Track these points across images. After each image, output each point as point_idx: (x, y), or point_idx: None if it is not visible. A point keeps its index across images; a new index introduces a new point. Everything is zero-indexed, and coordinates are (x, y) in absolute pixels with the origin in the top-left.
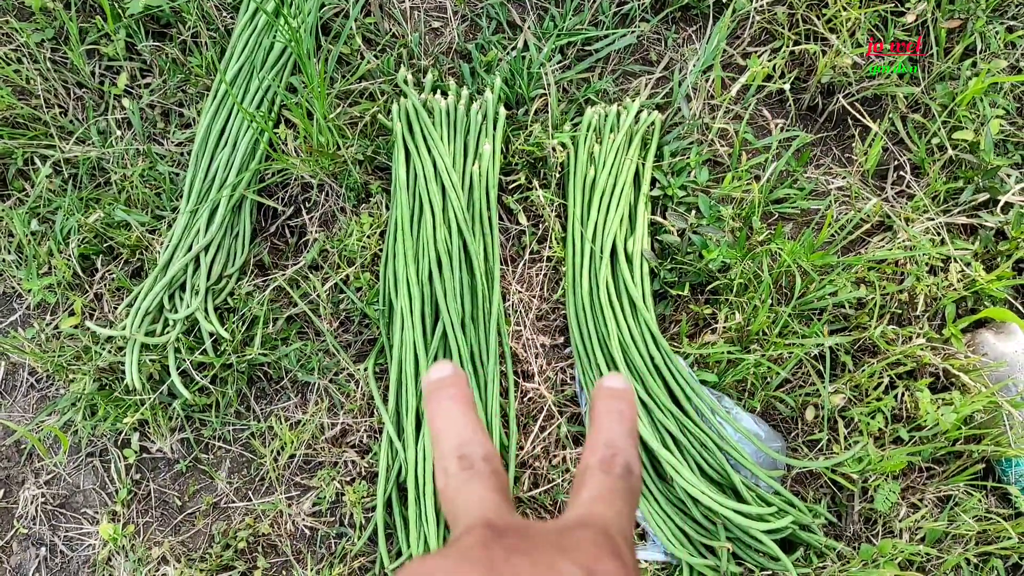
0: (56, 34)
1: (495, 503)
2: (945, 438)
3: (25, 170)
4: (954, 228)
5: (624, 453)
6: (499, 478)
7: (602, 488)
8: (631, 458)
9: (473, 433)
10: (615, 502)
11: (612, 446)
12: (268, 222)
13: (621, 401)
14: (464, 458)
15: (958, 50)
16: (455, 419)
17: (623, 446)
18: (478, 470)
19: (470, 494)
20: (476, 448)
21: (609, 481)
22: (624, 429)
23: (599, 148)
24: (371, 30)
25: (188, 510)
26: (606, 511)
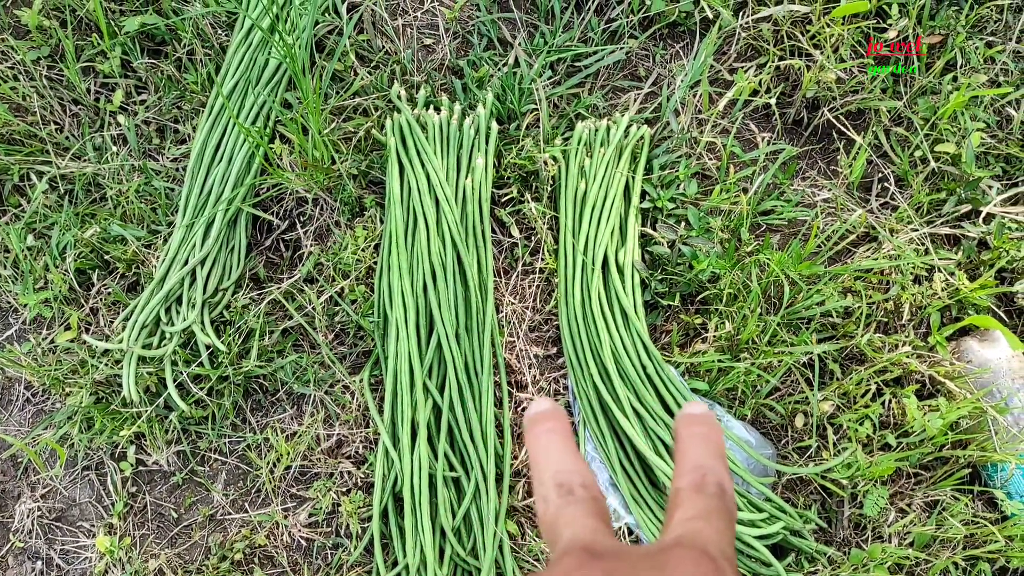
0: (52, 51)
1: (593, 527)
2: (932, 444)
3: (21, 186)
4: (937, 238)
5: (714, 472)
6: (598, 504)
7: (697, 507)
8: (723, 478)
9: (572, 462)
10: (712, 520)
11: (701, 468)
12: (263, 236)
13: (703, 425)
14: (563, 485)
15: (939, 65)
16: (554, 450)
17: (712, 466)
18: (577, 496)
19: (569, 518)
20: (575, 476)
21: (702, 500)
22: (710, 450)
23: (590, 162)
24: (364, 47)
25: (184, 522)
26: (704, 528)
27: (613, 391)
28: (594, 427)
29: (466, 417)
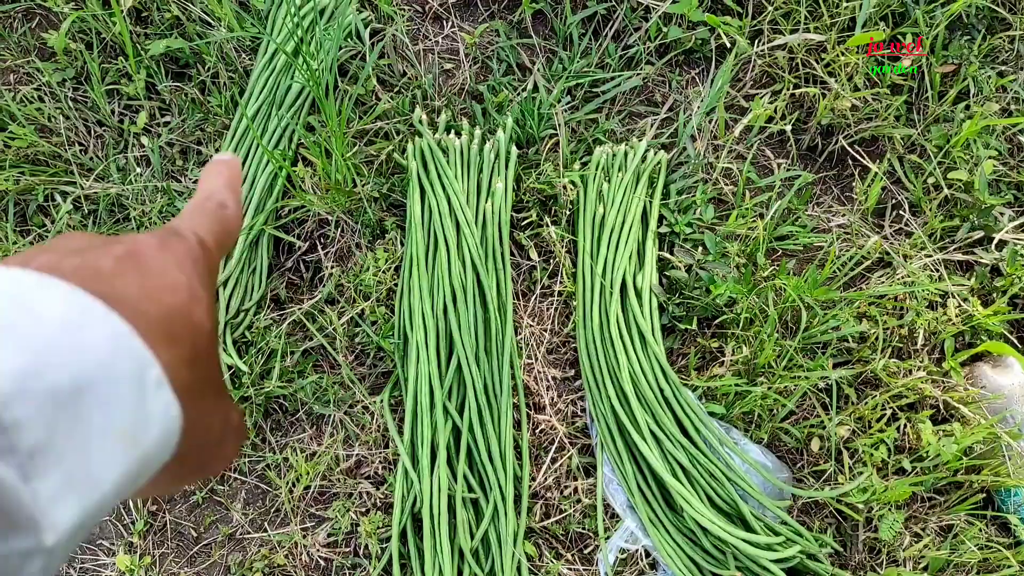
0: (77, 74)
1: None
2: (946, 468)
3: (45, 206)
4: (951, 264)
5: (219, 195)
6: (218, 213)
7: (190, 214)
8: (226, 198)
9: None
10: (195, 217)
11: (210, 193)
12: (284, 257)
13: (223, 164)
14: (210, 198)
15: (952, 94)
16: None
17: (220, 191)
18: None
19: (194, 218)
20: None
21: (198, 211)
22: (222, 181)
23: (608, 186)
24: (386, 72)
25: (204, 541)
26: (180, 220)
27: (631, 414)
28: (611, 449)
29: (485, 438)
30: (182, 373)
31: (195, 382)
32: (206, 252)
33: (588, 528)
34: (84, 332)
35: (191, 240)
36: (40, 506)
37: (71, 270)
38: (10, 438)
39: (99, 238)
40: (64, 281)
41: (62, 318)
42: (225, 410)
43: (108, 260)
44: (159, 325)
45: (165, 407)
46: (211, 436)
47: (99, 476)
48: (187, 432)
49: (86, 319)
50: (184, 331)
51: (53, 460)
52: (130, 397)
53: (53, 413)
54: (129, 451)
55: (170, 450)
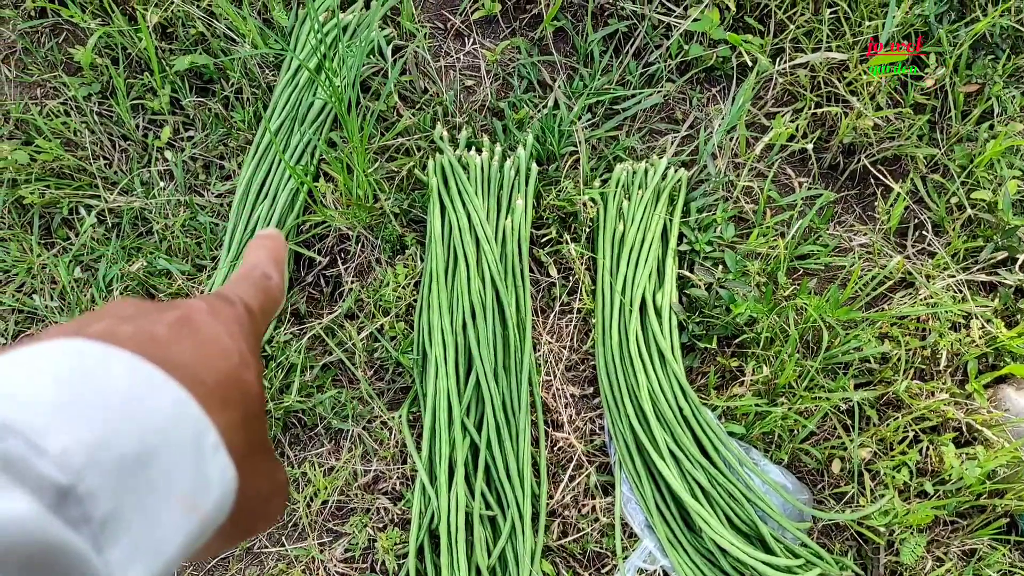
0: (103, 88)
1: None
2: (969, 492)
3: (70, 219)
4: (974, 285)
5: (263, 267)
6: (261, 283)
7: (235, 283)
8: (269, 270)
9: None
10: (240, 285)
11: (255, 265)
12: (305, 272)
13: (268, 238)
14: (256, 268)
15: (976, 113)
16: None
17: (264, 264)
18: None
19: (240, 287)
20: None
21: (244, 280)
22: (266, 255)
23: (628, 204)
24: (408, 88)
25: (222, 555)
26: (227, 287)
27: (650, 432)
28: (630, 468)
29: (503, 455)
30: (236, 437)
31: (247, 445)
32: (252, 318)
33: (606, 547)
34: (147, 401)
35: (238, 306)
36: (112, 573)
37: (127, 337)
38: (85, 509)
39: (149, 304)
40: (124, 350)
41: (126, 388)
42: (272, 467)
43: (162, 327)
44: (214, 390)
45: (222, 471)
46: (261, 496)
47: (164, 542)
48: (240, 493)
49: (148, 388)
50: (236, 395)
51: (122, 528)
52: (190, 462)
53: (121, 482)
54: (190, 515)
55: (226, 512)
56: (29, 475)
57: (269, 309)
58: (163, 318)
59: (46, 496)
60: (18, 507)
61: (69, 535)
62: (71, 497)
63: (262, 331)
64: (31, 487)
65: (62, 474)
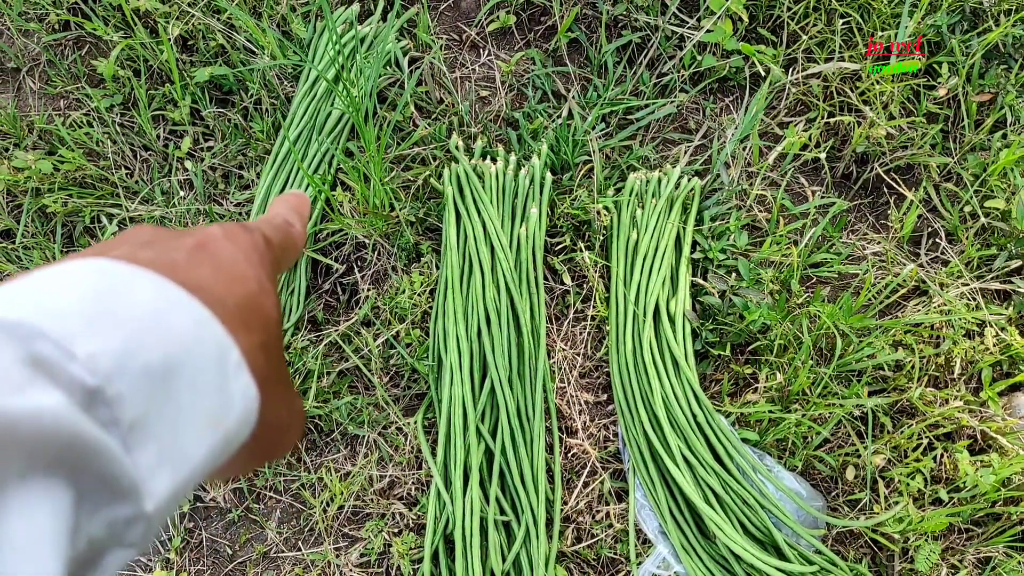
0: (125, 100)
1: (259, 223)
2: (984, 500)
3: (92, 228)
4: (988, 293)
5: (286, 215)
6: (283, 228)
7: (259, 219)
8: (291, 217)
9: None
10: (262, 224)
11: (278, 213)
12: (322, 279)
13: (292, 196)
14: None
15: (989, 122)
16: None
17: (286, 213)
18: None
19: (262, 222)
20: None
21: (266, 222)
22: (289, 207)
23: (641, 212)
24: (424, 99)
25: (239, 559)
26: (255, 223)
27: (663, 439)
28: (644, 474)
29: (517, 461)
30: (257, 358)
31: (268, 368)
32: (270, 247)
33: (620, 553)
34: (171, 317)
35: (256, 234)
36: (140, 475)
37: (147, 261)
38: (113, 411)
39: (166, 231)
40: (147, 270)
41: (151, 304)
42: (291, 397)
43: (180, 252)
44: (235, 312)
45: (244, 389)
46: (280, 420)
47: (189, 451)
48: (261, 416)
49: (172, 305)
50: (257, 319)
51: (149, 434)
52: (214, 379)
53: (148, 390)
54: (214, 430)
55: (248, 431)
56: (60, 375)
57: (289, 249)
58: (181, 243)
59: (76, 395)
60: (51, 400)
61: (100, 432)
62: (99, 399)
63: (280, 266)
64: (62, 386)
65: (91, 376)
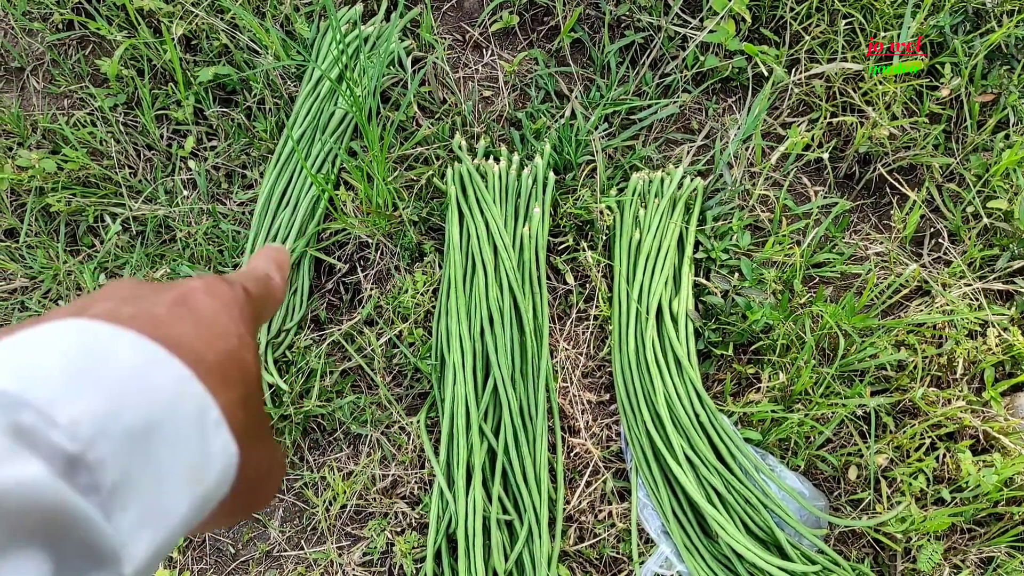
0: (129, 99)
1: (236, 278)
2: (987, 500)
3: (95, 227)
4: (991, 294)
5: (266, 270)
6: (264, 282)
7: (238, 272)
8: (272, 272)
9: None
10: (242, 276)
11: (258, 267)
12: (325, 279)
13: (273, 250)
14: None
15: (991, 123)
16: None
17: (267, 268)
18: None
19: (242, 275)
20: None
21: (245, 272)
22: (270, 263)
23: (644, 212)
24: (427, 99)
25: (241, 558)
26: (236, 275)
27: (666, 439)
28: (646, 474)
29: (520, 461)
30: (237, 415)
31: (247, 423)
32: (250, 300)
33: (622, 552)
34: (152, 376)
35: (237, 287)
36: (120, 540)
37: (128, 318)
38: (94, 476)
39: (147, 285)
40: (127, 329)
41: (132, 364)
42: (271, 449)
43: (161, 308)
44: (215, 368)
45: (224, 446)
46: (260, 473)
47: (169, 511)
48: (241, 470)
49: (153, 364)
50: (236, 374)
51: (130, 497)
52: (194, 437)
53: (129, 452)
54: (194, 488)
55: (227, 487)
56: (41, 444)
57: (268, 301)
58: (162, 299)
59: (57, 464)
60: (32, 471)
61: (80, 501)
62: (81, 465)
63: (260, 318)
64: (43, 455)
65: (72, 443)
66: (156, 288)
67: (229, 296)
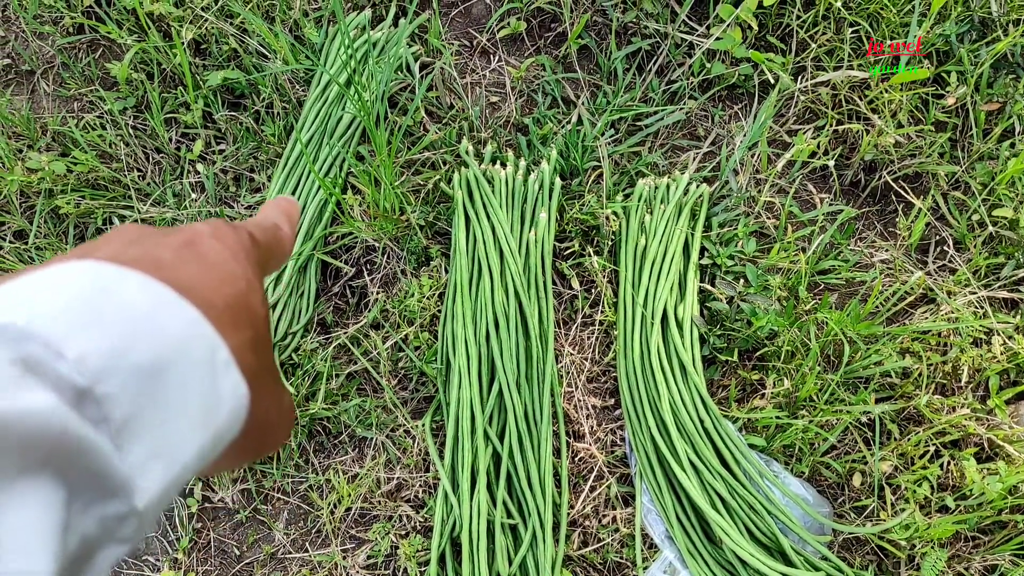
0: (138, 102)
1: (249, 224)
2: (991, 507)
3: (104, 229)
4: (996, 302)
5: (275, 219)
6: (271, 231)
7: (249, 222)
8: (280, 221)
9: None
10: (250, 223)
11: (267, 216)
12: (332, 282)
13: (283, 200)
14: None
15: (997, 131)
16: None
17: (276, 217)
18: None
19: (252, 223)
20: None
21: (254, 220)
22: (278, 212)
23: (650, 218)
24: (434, 104)
25: (246, 559)
26: (243, 222)
27: (671, 444)
28: (651, 479)
29: (525, 465)
30: (246, 356)
31: (257, 366)
32: (256, 246)
33: (626, 557)
34: (160, 317)
35: (242, 232)
36: (131, 472)
37: (133, 260)
38: (103, 409)
39: (152, 229)
40: (135, 270)
41: (140, 304)
42: (280, 393)
43: (168, 251)
44: (224, 311)
45: (234, 387)
46: (270, 416)
47: (179, 448)
48: (251, 413)
49: (161, 305)
50: (245, 317)
51: (139, 432)
52: (203, 377)
53: (138, 389)
54: (205, 426)
55: (238, 427)
56: (49, 375)
57: (276, 250)
58: (168, 242)
59: (66, 395)
60: (41, 400)
61: (90, 430)
62: (89, 398)
63: (267, 266)
64: (51, 386)
65: (80, 376)
66: (162, 232)
67: (235, 241)
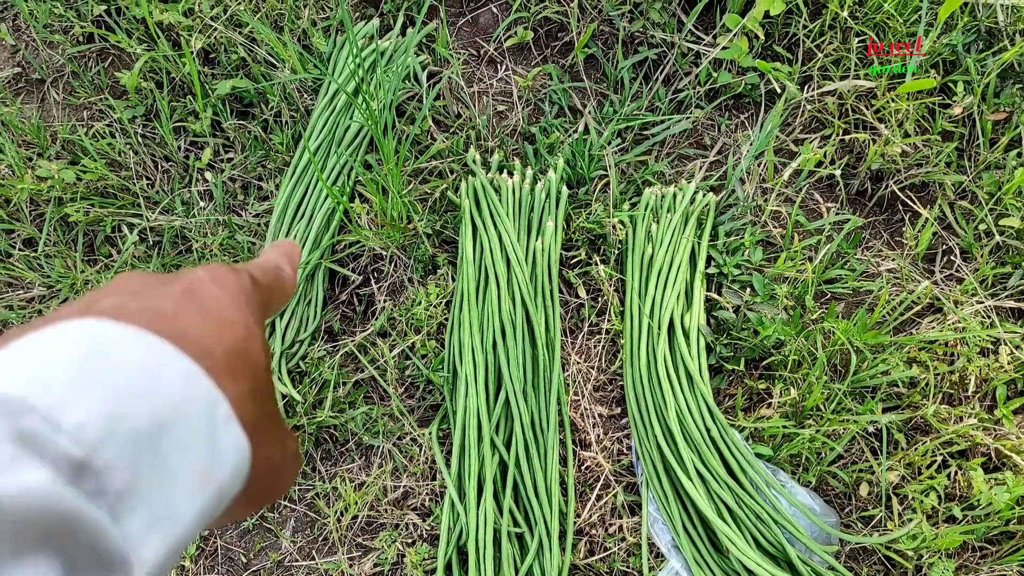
0: (147, 111)
1: (247, 266)
2: (998, 518)
3: (112, 237)
4: (1003, 311)
5: (276, 260)
6: (273, 272)
7: (250, 264)
8: (282, 264)
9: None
10: (251, 266)
11: (270, 259)
12: (339, 290)
13: (285, 244)
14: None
15: (1004, 141)
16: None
17: (278, 260)
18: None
19: (253, 265)
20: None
21: (256, 262)
22: (281, 256)
23: (656, 227)
24: (441, 113)
25: (253, 567)
26: (244, 264)
27: (677, 453)
28: (657, 488)
29: (531, 473)
30: (246, 407)
31: (257, 415)
32: (257, 289)
33: (633, 567)
34: (158, 375)
35: (243, 275)
36: (130, 544)
37: (135, 313)
38: (101, 481)
39: (153, 277)
40: (134, 326)
41: (138, 363)
42: (283, 439)
43: (168, 301)
44: (223, 362)
45: (235, 441)
46: (273, 465)
47: (180, 513)
48: (254, 463)
49: (159, 362)
50: (245, 366)
51: (138, 500)
52: (204, 435)
53: (136, 455)
54: (205, 486)
55: (240, 482)
56: (47, 450)
57: (277, 292)
58: (168, 291)
59: (63, 469)
60: (37, 478)
61: (86, 506)
62: (87, 470)
63: (269, 309)
64: (49, 461)
65: (78, 448)
66: (163, 280)
67: (235, 284)
